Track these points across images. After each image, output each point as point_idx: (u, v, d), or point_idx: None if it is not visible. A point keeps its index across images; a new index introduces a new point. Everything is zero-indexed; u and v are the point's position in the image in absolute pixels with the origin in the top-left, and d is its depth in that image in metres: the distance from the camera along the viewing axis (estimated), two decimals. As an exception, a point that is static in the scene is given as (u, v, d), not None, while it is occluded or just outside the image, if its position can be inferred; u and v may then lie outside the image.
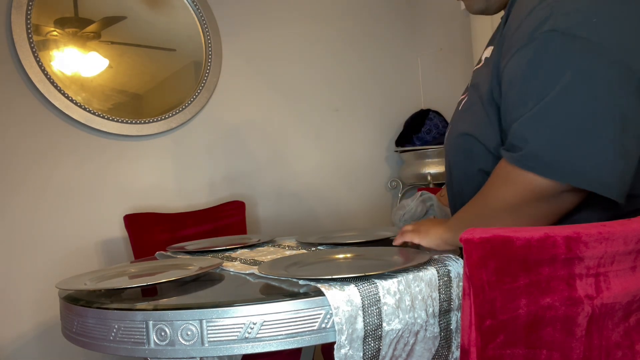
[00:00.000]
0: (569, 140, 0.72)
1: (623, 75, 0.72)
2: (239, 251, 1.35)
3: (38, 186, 1.88)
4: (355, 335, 0.78)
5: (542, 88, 0.75)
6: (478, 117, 0.93)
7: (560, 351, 0.67)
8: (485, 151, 0.92)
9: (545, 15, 0.77)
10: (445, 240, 0.94)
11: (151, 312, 0.82)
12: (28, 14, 1.85)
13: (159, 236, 1.94)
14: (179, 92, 2.20)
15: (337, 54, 2.70)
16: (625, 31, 0.74)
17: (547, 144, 0.73)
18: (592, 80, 0.72)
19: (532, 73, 0.77)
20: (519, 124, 0.77)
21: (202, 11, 2.26)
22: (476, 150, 0.94)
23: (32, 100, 1.87)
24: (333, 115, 2.67)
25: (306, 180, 2.56)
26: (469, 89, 1.01)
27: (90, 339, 0.90)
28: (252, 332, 0.79)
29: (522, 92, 0.78)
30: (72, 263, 1.91)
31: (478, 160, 0.94)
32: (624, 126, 0.72)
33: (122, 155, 2.06)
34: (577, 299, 0.66)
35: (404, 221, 1.35)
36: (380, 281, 0.83)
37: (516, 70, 0.80)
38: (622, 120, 0.71)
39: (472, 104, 0.96)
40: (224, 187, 2.30)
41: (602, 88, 0.71)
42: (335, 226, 2.61)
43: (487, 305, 0.66)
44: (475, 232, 0.65)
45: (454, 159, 1.02)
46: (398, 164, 2.88)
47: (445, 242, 0.94)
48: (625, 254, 0.67)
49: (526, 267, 0.65)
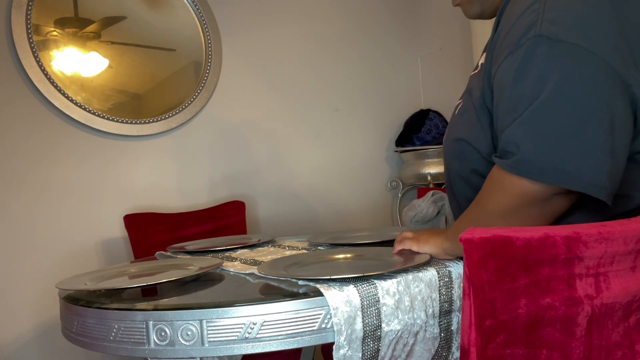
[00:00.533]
0: (559, 144, 0.73)
1: (609, 78, 0.73)
2: (239, 251, 1.35)
3: (38, 186, 1.88)
4: (354, 336, 0.78)
5: (531, 93, 0.75)
6: (471, 123, 0.94)
7: (560, 351, 0.67)
8: (479, 156, 0.94)
9: (532, 21, 0.77)
10: (444, 249, 0.94)
11: (151, 312, 0.82)
12: (28, 14, 1.85)
13: (159, 236, 1.94)
14: (179, 92, 2.20)
15: (337, 54, 2.70)
16: (609, 35, 0.75)
17: (538, 149, 0.74)
18: (579, 83, 0.73)
19: (520, 78, 0.77)
20: (510, 130, 0.77)
21: (202, 11, 2.26)
22: (470, 154, 0.95)
23: (32, 100, 1.87)
24: (333, 115, 2.67)
25: (306, 180, 2.56)
26: (464, 94, 1.03)
27: (90, 339, 0.90)
28: (252, 332, 0.79)
29: (512, 97, 0.79)
30: (72, 263, 1.91)
31: (472, 164, 0.96)
32: (612, 128, 0.73)
33: (122, 155, 2.06)
34: (577, 299, 0.66)
35: (415, 222, 1.32)
36: (380, 282, 0.83)
37: (506, 76, 0.81)
38: (609, 122, 0.72)
39: (466, 109, 0.98)
40: (224, 187, 2.30)
41: (589, 91, 0.72)
42: (335, 226, 2.61)
43: (487, 305, 0.66)
44: (475, 232, 0.65)
45: (450, 163, 1.04)
46: (398, 164, 2.88)
47: (444, 251, 0.94)
48: (625, 254, 0.67)
49: (526, 267, 0.65)
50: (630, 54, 0.76)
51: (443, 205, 1.32)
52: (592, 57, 0.73)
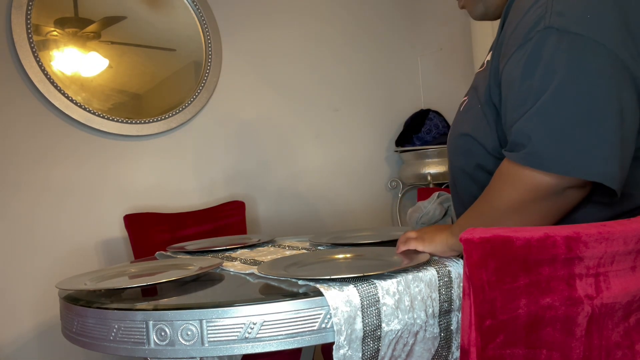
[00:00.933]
0: (570, 135, 0.73)
1: (617, 70, 0.74)
2: (239, 251, 1.35)
3: (38, 186, 1.88)
4: (354, 336, 0.78)
5: (541, 85, 0.76)
6: (477, 118, 0.94)
7: (560, 351, 0.67)
8: (484, 151, 0.94)
9: (541, 15, 0.78)
10: (450, 246, 0.94)
11: (151, 312, 0.82)
12: (28, 14, 1.85)
13: (159, 236, 1.94)
14: (179, 92, 2.20)
15: (337, 54, 2.70)
16: (617, 27, 0.75)
17: (549, 140, 0.74)
18: (589, 74, 0.73)
19: (530, 71, 0.78)
20: (521, 122, 0.77)
21: (202, 11, 2.26)
22: (475, 150, 0.96)
23: (32, 100, 1.87)
24: (333, 115, 2.67)
25: (306, 180, 2.56)
26: (469, 91, 1.03)
27: (90, 339, 0.90)
28: (252, 332, 0.79)
29: (522, 91, 0.79)
30: (72, 263, 1.91)
31: (477, 160, 0.96)
32: (621, 118, 0.73)
33: (122, 155, 2.06)
34: (577, 299, 0.66)
35: (420, 224, 1.29)
36: (380, 281, 0.82)
37: (514, 70, 0.81)
38: (619, 113, 0.73)
39: (471, 105, 0.99)
40: (224, 187, 2.30)
41: (598, 82, 0.73)
42: (335, 226, 2.61)
43: (487, 305, 0.66)
44: (475, 232, 0.65)
45: (455, 159, 1.04)
46: (398, 164, 2.88)
47: (450, 248, 0.94)
48: (625, 254, 0.67)
49: (526, 267, 0.65)
50: (635, 45, 0.76)
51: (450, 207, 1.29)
52: (601, 48, 0.73)
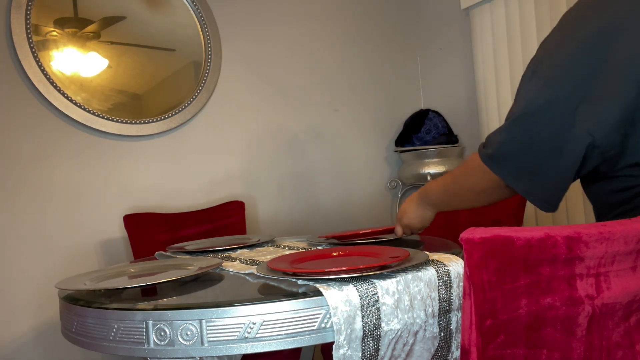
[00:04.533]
0: (523, 156, 0.89)
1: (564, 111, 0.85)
2: (238, 251, 1.35)
3: (38, 186, 1.87)
4: (354, 336, 0.78)
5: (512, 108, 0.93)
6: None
7: (561, 351, 0.67)
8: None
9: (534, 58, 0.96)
10: (422, 216, 1.20)
11: (151, 312, 0.82)
12: (27, 14, 1.85)
13: (158, 236, 1.93)
14: (179, 92, 2.20)
15: (337, 54, 2.70)
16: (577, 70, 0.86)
17: (509, 153, 0.91)
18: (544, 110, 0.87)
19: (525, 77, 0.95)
20: (497, 130, 0.95)
21: (202, 11, 2.26)
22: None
23: (31, 100, 1.87)
24: (333, 115, 2.67)
25: (306, 180, 2.56)
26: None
27: (90, 338, 0.90)
28: (251, 332, 0.78)
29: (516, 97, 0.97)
30: (72, 263, 1.91)
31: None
32: (561, 154, 0.85)
33: (122, 156, 2.06)
34: (578, 299, 0.66)
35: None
36: (379, 281, 0.82)
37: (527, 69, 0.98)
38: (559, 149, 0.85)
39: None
40: (224, 187, 2.30)
41: (546, 118, 0.86)
42: (335, 226, 2.60)
43: (487, 305, 0.66)
44: (476, 232, 0.65)
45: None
46: (398, 164, 2.88)
47: (423, 218, 1.21)
48: (626, 254, 0.67)
49: (527, 267, 0.65)
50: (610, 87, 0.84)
51: None
52: (559, 88, 0.86)
